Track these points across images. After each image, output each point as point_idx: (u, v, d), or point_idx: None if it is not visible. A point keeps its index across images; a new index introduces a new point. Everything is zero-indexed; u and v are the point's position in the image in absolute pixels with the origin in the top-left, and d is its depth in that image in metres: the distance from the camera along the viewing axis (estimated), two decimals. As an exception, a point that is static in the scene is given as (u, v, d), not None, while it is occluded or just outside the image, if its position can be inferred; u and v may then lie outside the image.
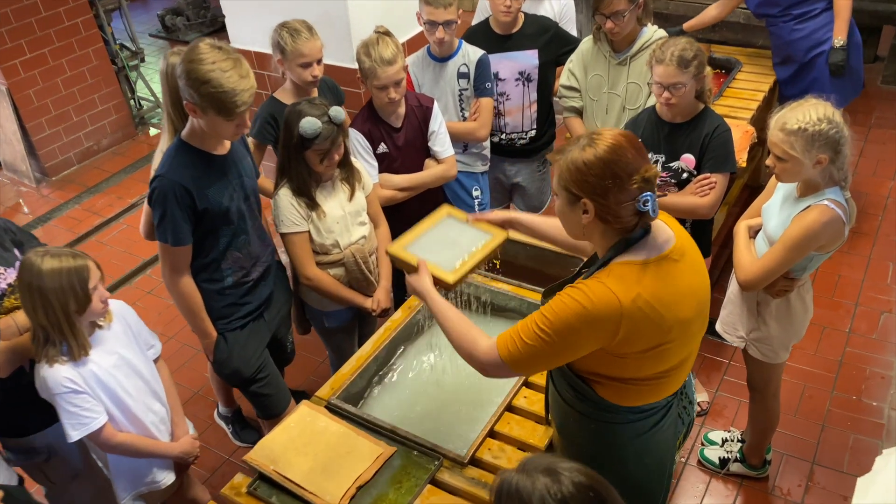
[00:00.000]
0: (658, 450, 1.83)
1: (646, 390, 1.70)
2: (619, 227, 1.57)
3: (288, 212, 2.50)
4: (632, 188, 1.52)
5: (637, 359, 1.60)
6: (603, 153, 1.52)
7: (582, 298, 1.53)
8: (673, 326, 1.58)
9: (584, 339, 1.57)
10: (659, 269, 1.57)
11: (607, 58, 2.90)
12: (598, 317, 1.52)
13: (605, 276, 1.56)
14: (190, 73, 2.04)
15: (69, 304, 1.91)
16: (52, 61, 5.07)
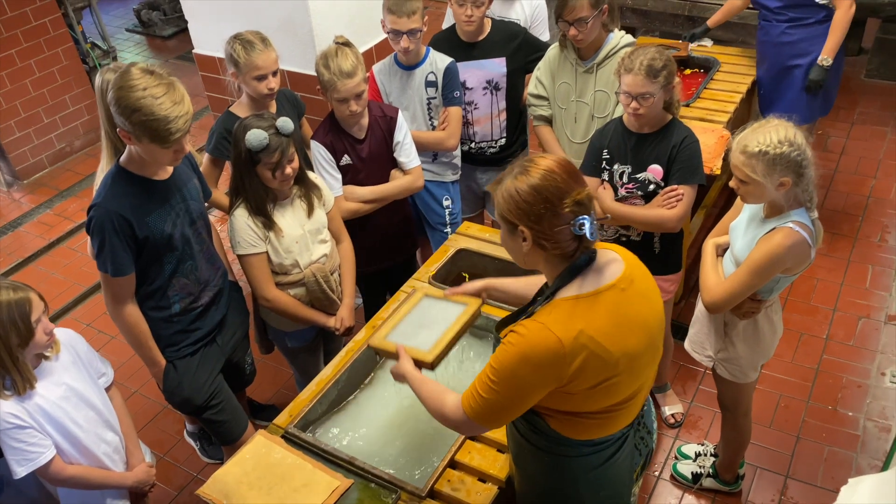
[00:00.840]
0: (614, 483, 1.79)
1: (598, 424, 1.66)
2: (559, 252, 1.55)
3: (244, 233, 2.43)
4: (564, 212, 1.50)
5: (585, 395, 1.56)
6: (534, 180, 1.51)
7: (522, 344, 1.50)
8: (619, 360, 1.54)
9: (533, 386, 1.52)
10: (604, 301, 1.53)
11: (574, 65, 2.82)
12: (540, 361, 1.48)
13: (546, 314, 1.53)
14: (120, 101, 1.95)
15: (11, 339, 1.85)
16: (20, 62, 4.96)
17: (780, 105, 3.53)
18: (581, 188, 1.52)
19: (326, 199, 2.61)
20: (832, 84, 3.48)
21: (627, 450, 1.77)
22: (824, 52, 3.31)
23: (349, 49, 2.58)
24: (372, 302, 3.11)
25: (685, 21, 4.50)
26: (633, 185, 2.54)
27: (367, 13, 3.25)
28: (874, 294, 3.60)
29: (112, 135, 2.33)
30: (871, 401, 3.08)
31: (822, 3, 3.26)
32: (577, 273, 1.56)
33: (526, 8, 3.32)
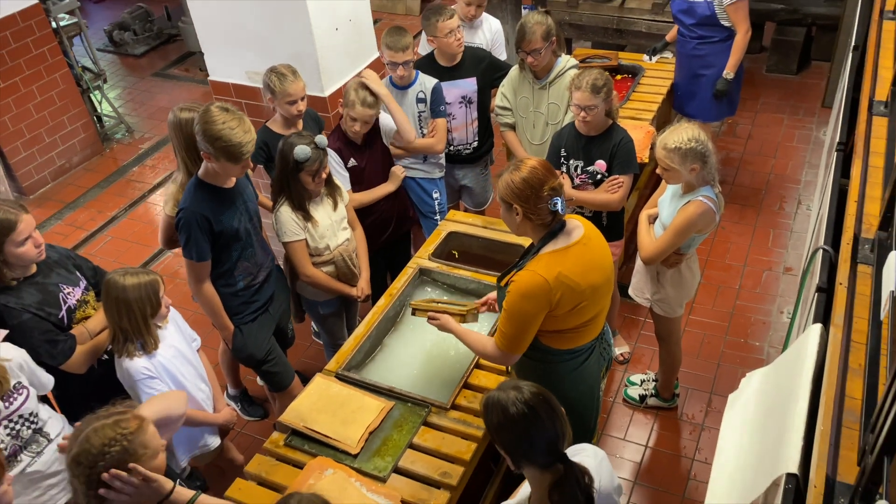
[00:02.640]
0: (588, 378, 2.56)
1: (573, 336, 2.42)
2: (541, 222, 2.30)
3: (289, 224, 3.11)
4: (544, 195, 2.25)
5: (565, 316, 2.32)
6: (524, 174, 2.26)
7: (521, 288, 2.26)
8: (585, 290, 2.30)
9: (535, 312, 2.28)
10: (573, 253, 2.29)
11: (531, 83, 3.59)
12: (533, 294, 2.24)
13: (534, 265, 2.28)
14: (206, 132, 2.62)
15: (146, 310, 2.49)
16: (24, 88, 5.45)
17: (691, 106, 4.38)
18: (555, 179, 2.28)
19: (345, 196, 3.30)
20: (735, 91, 4.33)
21: (595, 356, 2.55)
22: (728, 67, 4.14)
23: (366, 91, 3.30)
24: (374, 274, 3.77)
25: (614, 33, 5.31)
26: (585, 175, 3.31)
27: (360, 41, 3.93)
28: (774, 251, 4.49)
29: (184, 156, 2.98)
30: (772, 332, 3.96)
31: (726, 25, 4.09)
32: (553, 236, 2.32)
33: (487, 34, 4.08)
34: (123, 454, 1.78)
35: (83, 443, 1.78)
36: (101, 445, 1.77)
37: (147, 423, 1.89)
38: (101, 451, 1.76)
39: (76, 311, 2.70)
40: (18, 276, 2.56)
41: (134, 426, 1.84)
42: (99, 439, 1.77)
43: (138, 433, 1.84)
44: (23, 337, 2.52)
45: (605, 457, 2.07)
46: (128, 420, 1.84)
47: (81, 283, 2.76)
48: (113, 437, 1.79)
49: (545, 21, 3.39)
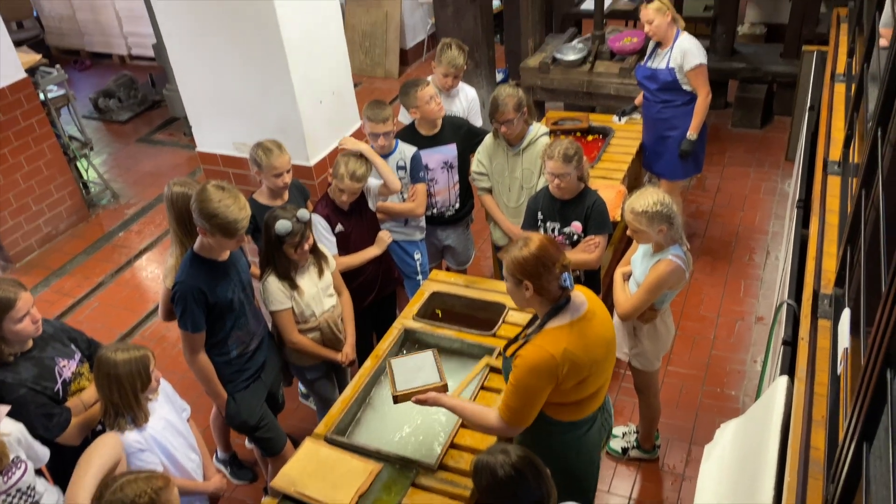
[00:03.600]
0: (590, 448, 2.65)
1: (577, 409, 2.50)
2: (550, 298, 2.37)
3: (276, 294, 3.21)
4: (556, 272, 2.33)
5: (570, 389, 2.40)
6: (535, 250, 2.32)
7: (528, 363, 2.32)
8: (590, 365, 2.38)
9: (542, 387, 2.34)
10: (578, 328, 2.36)
11: (505, 150, 3.78)
12: (540, 370, 2.31)
13: (540, 340, 2.34)
14: (202, 210, 2.74)
15: (137, 385, 2.57)
16: (12, 159, 5.56)
17: (659, 165, 4.60)
18: (564, 256, 2.36)
19: (331, 263, 3.42)
20: (700, 149, 4.54)
21: (597, 426, 2.63)
22: (691, 129, 4.36)
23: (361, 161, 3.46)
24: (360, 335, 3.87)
25: (584, 95, 5.56)
26: (562, 237, 3.47)
27: (342, 112, 4.11)
28: (746, 301, 4.66)
29: (179, 231, 3.10)
30: (747, 382, 4.09)
31: (687, 90, 4.32)
32: (559, 311, 2.38)
33: (463, 101, 4.28)
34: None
35: (117, 491, 1.97)
36: (134, 496, 1.96)
37: (173, 483, 2.10)
38: (132, 500, 1.95)
39: (71, 383, 2.77)
40: (16, 351, 2.64)
41: (162, 484, 2.05)
42: (132, 490, 1.97)
43: (165, 490, 2.06)
44: (20, 411, 2.58)
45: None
46: (157, 478, 2.06)
47: (76, 355, 2.83)
48: (144, 490, 1.99)
49: (516, 93, 3.59)
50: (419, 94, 3.79)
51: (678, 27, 4.26)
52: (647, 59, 4.43)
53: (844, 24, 4.84)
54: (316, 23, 3.86)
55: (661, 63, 4.31)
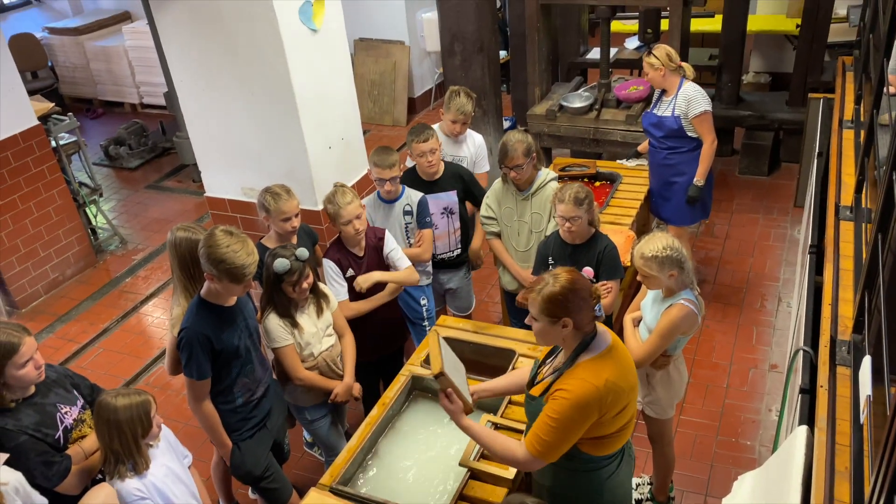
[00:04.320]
0: (624, 482, 2.57)
1: (612, 441, 2.43)
2: (583, 330, 2.33)
3: (277, 332, 3.18)
4: (592, 302, 2.30)
5: (611, 420, 2.34)
6: (568, 284, 2.28)
7: (569, 396, 2.26)
8: (629, 391, 2.35)
9: (584, 420, 2.28)
10: (611, 357, 2.34)
11: (514, 195, 3.77)
12: (587, 402, 2.25)
13: (579, 372, 2.29)
14: (210, 255, 2.72)
15: (137, 431, 2.51)
16: (21, 205, 5.59)
17: (666, 211, 4.59)
18: (595, 287, 2.34)
19: (332, 304, 3.39)
20: (707, 195, 4.54)
21: (626, 457, 2.57)
22: (697, 175, 4.36)
23: (345, 188, 3.44)
24: (369, 385, 3.82)
25: (591, 142, 5.58)
26: (572, 282, 3.43)
27: (350, 158, 4.13)
28: (759, 349, 4.58)
29: (182, 277, 3.08)
30: (762, 431, 3.99)
31: (693, 136, 4.34)
32: (590, 343, 2.35)
33: (471, 147, 4.30)
34: None
35: None
36: None
37: None
38: None
39: (73, 430, 2.71)
40: (17, 397, 2.59)
41: None
42: None
43: None
44: (19, 459, 2.52)
45: None
46: None
47: (79, 402, 2.78)
48: None
49: (525, 139, 3.60)
50: (414, 146, 3.82)
51: (682, 76, 4.30)
52: (654, 107, 4.47)
53: (850, 72, 4.88)
54: (326, 72, 3.92)
55: (667, 111, 4.34)
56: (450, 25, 5.65)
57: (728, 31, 6.25)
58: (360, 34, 8.20)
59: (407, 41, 8.08)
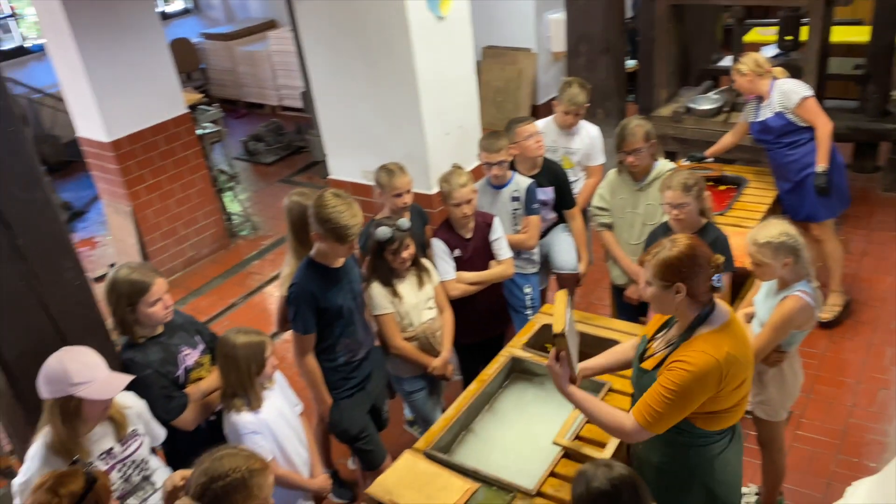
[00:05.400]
0: (733, 461, 2.46)
1: (727, 416, 2.34)
2: (699, 301, 2.25)
3: (379, 298, 3.31)
4: (710, 270, 2.23)
5: (728, 394, 2.26)
6: (686, 248, 2.22)
7: (690, 367, 2.19)
8: (747, 366, 2.28)
9: (700, 393, 2.22)
10: (730, 330, 2.27)
11: (629, 186, 3.71)
12: (706, 374, 2.19)
13: (698, 345, 2.22)
14: (318, 214, 2.88)
15: (252, 368, 2.68)
16: (168, 186, 6.09)
17: (804, 210, 4.34)
18: (717, 255, 2.26)
19: (433, 278, 3.47)
20: (839, 181, 4.26)
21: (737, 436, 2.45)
22: (818, 161, 4.13)
23: (461, 170, 3.52)
24: (468, 369, 3.87)
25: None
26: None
27: (466, 146, 4.21)
28: (892, 370, 4.23)
29: (293, 239, 3.29)
30: (888, 454, 3.67)
31: (804, 125, 4.14)
32: (709, 315, 2.28)
33: (585, 139, 4.28)
34: (239, 484, 1.97)
35: (216, 460, 2.00)
36: (228, 468, 1.97)
37: (271, 472, 2.09)
38: (225, 473, 1.97)
39: (192, 371, 2.93)
40: (146, 334, 2.83)
41: (259, 466, 2.05)
42: (229, 463, 1.99)
43: (261, 475, 2.04)
44: (143, 390, 2.75)
45: None
46: (257, 460, 2.06)
47: (200, 346, 3.00)
48: (240, 466, 2.00)
49: (645, 124, 3.55)
50: (519, 130, 3.84)
51: (773, 78, 4.21)
52: (755, 115, 4.34)
53: None
54: (449, 59, 4.03)
55: (768, 113, 4.23)
56: (576, 26, 5.66)
57: (877, 39, 5.87)
58: (489, 42, 8.35)
59: (534, 48, 8.15)
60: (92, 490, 2.00)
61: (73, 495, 1.98)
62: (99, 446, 2.49)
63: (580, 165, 4.34)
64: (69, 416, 2.35)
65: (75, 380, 2.30)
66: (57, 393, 2.32)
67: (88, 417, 2.41)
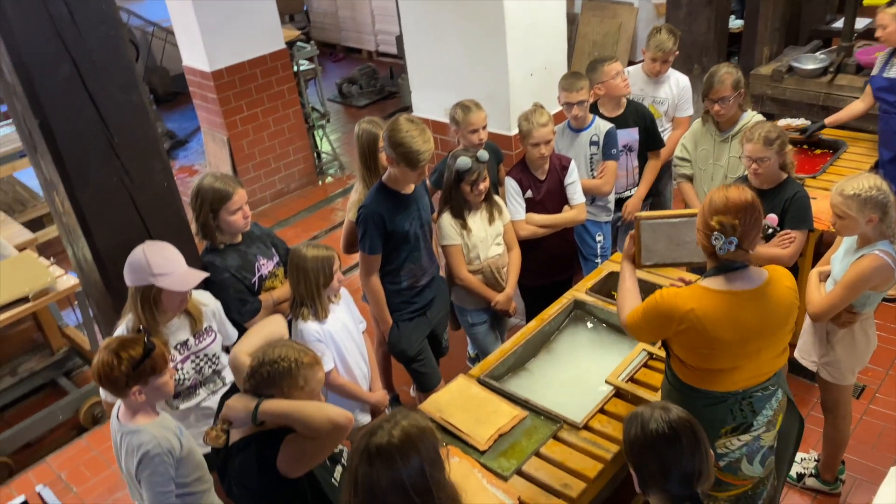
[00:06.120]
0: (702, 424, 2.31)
1: (698, 377, 2.33)
2: (708, 251, 2.24)
3: (448, 229, 3.38)
4: (711, 223, 2.17)
5: (686, 353, 2.29)
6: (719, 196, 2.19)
7: (659, 298, 2.28)
8: (714, 340, 2.20)
9: (655, 324, 2.30)
10: (725, 299, 2.20)
11: (713, 136, 3.60)
12: (661, 313, 2.25)
13: (686, 289, 2.27)
14: (391, 138, 2.95)
15: (320, 279, 2.82)
16: (262, 118, 6.33)
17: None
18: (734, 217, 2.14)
19: (504, 215, 3.51)
20: None
21: (723, 409, 2.37)
22: None
23: (543, 109, 3.51)
24: (533, 312, 3.90)
25: (820, 110, 5.11)
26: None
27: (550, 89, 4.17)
28: (983, 354, 3.98)
29: (361, 166, 3.40)
30: (969, 436, 3.49)
31: None
32: (721, 272, 2.24)
33: (673, 88, 4.15)
34: (286, 372, 2.07)
35: (269, 348, 2.11)
36: (278, 356, 2.08)
37: (321, 367, 2.18)
38: (274, 360, 2.07)
39: (266, 281, 3.10)
40: (226, 241, 3.01)
41: (308, 360, 2.14)
42: (280, 352, 2.09)
43: (308, 367, 2.13)
44: (219, 292, 2.93)
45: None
46: (308, 354, 2.16)
47: (274, 258, 3.16)
48: (289, 356, 2.09)
49: (735, 72, 3.42)
50: (606, 69, 3.76)
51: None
52: (883, 69, 4.02)
53: None
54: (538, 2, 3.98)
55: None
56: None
57: None
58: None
59: (636, 2, 7.89)
60: (150, 357, 2.20)
61: (132, 359, 2.20)
62: (176, 337, 2.70)
63: (667, 116, 4.23)
64: (149, 304, 2.55)
65: (155, 270, 2.49)
66: (139, 281, 2.52)
67: (167, 307, 2.60)
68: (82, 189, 2.56)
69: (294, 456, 2.02)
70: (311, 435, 2.00)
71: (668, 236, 2.63)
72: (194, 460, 2.44)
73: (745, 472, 2.42)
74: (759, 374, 2.34)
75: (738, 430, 2.41)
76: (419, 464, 1.63)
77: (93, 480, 3.97)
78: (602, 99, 3.87)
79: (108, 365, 2.20)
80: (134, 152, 2.63)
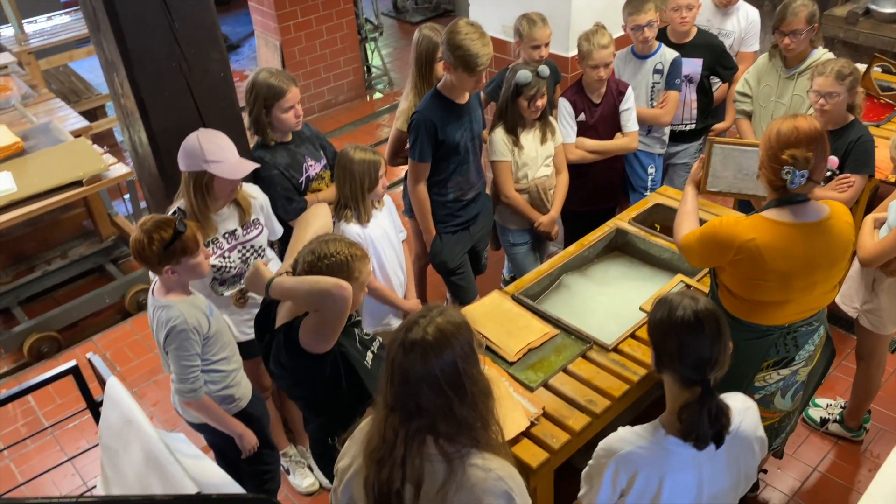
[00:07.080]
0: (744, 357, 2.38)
1: (746, 309, 2.33)
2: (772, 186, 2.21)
3: (499, 145, 3.36)
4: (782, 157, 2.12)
5: (739, 283, 2.28)
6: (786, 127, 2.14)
7: (718, 223, 2.26)
8: (771, 272, 2.19)
9: (711, 250, 2.29)
10: (787, 231, 2.18)
11: (778, 72, 3.47)
12: (720, 238, 2.24)
13: (746, 219, 2.24)
14: (450, 41, 2.91)
15: (365, 182, 2.85)
16: (315, 26, 6.27)
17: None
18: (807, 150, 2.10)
19: (557, 137, 3.47)
20: None
21: (766, 343, 2.38)
22: None
23: (605, 30, 3.41)
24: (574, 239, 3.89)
25: (894, 57, 4.89)
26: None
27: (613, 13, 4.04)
28: None
29: (415, 73, 3.36)
30: None
31: None
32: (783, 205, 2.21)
33: (742, 21, 4.00)
34: (341, 265, 2.14)
35: (322, 243, 2.17)
36: (334, 251, 2.15)
37: (369, 261, 2.25)
38: (331, 253, 2.14)
39: (312, 182, 3.13)
40: (277, 138, 3.03)
41: (360, 254, 2.21)
42: (334, 247, 2.16)
43: (360, 261, 2.20)
44: (267, 188, 2.98)
45: (754, 407, 2.02)
46: (357, 247, 2.22)
47: (322, 160, 3.19)
48: (343, 250, 2.15)
49: (810, 5, 3.28)
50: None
51: None
52: None
53: None
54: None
55: None
56: None
57: None
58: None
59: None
60: (179, 239, 2.28)
61: (162, 240, 2.29)
62: (224, 226, 2.76)
63: (731, 50, 4.08)
64: (201, 191, 2.61)
65: (209, 157, 2.53)
66: (192, 167, 2.57)
67: (218, 195, 2.66)
68: (141, 72, 2.59)
69: (308, 330, 2.10)
70: (313, 307, 2.07)
71: (738, 164, 2.62)
72: (222, 340, 2.55)
73: (776, 406, 2.44)
74: (807, 309, 2.34)
75: (780, 365, 2.42)
76: (452, 359, 1.67)
77: (135, 362, 4.16)
78: (669, 28, 3.75)
79: (140, 243, 2.31)
80: (194, 40, 2.64)
